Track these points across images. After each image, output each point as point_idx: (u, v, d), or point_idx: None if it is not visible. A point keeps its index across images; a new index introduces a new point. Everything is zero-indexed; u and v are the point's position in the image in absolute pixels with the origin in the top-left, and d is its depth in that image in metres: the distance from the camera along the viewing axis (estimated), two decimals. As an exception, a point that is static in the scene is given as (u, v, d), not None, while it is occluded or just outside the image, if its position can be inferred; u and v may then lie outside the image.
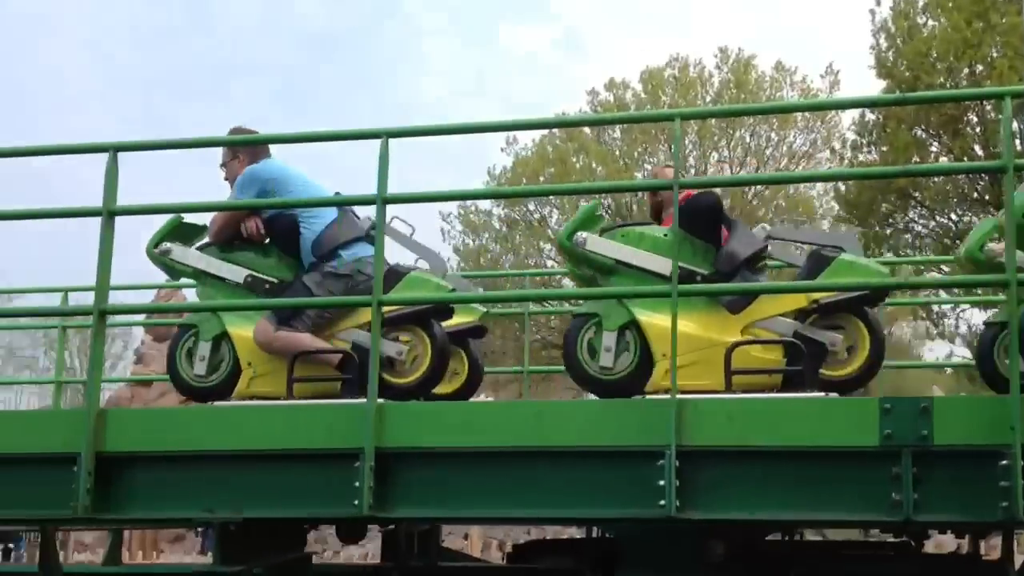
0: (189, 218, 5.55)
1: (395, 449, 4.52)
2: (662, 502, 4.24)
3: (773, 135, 28.87)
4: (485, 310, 5.99)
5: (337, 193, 5.42)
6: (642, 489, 4.32)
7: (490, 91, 53.35)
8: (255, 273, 5.42)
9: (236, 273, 5.41)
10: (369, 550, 12.79)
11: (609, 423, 4.45)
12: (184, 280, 5.78)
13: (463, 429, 4.55)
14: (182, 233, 5.54)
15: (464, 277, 6.36)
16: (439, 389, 5.56)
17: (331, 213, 5.46)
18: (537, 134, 29.38)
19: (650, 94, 28.54)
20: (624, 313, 4.95)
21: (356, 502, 4.45)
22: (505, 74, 52.85)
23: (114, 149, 4.81)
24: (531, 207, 28.63)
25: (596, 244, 5.09)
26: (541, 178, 27.72)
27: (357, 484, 4.45)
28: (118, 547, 6.87)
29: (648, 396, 4.80)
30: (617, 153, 28.44)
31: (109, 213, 4.79)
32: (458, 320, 5.58)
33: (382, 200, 4.66)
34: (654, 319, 4.88)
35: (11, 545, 14.90)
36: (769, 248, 5.23)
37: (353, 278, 5.35)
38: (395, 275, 5.25)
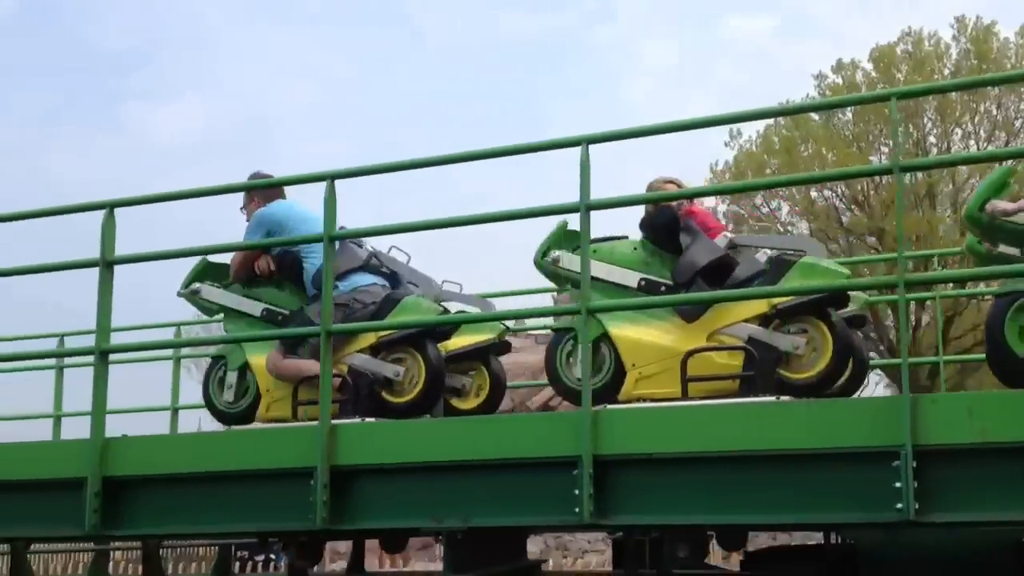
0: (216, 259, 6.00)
1: (613, 456, 4.49)
2: (899, 505, 4.03)
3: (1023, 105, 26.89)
4: (506, 327, 6.03)
5: (342, 227, 5.28)
6: (876, 492, 4.12)
7: (712, 85, 52.42)
8: (269, 306, 5.85)
9: (254, 307, 5.87)
10: (608, 557, 12.79)
11: (835, 424, 4.25)
12: None
13: (680, 434, 4.46)
14: (211, 273, 6.02)
15: (482, 297, 6.32)
16: (461, 405, 5.82)
17: (318, 249, 5.63)
18: (761, 125, 28.61)
19: (882, 72, 27.20)
20: (597, 327, 5.13)
21: (576, 509, 4.45)
22: (726, 66, 51.88)
23: (111, 206, 5.31)
24: (757, 201, 27.90)
25: (569, 261, 5.32)
26: (768, 170, 26.95)
27: (576, 492, 4.45)
28: (361, 555, 7.18)
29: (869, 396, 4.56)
30: (849, 136, 27.27)
31: (107, 264, 5.27)
32: (480, 337, 5.79)
33: (585, 207, 4.64)
34: (625, 331, 5.14)
35: (272, 555, 15.65)
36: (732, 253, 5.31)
37: (350, 306, 5.59)
38: (392, 301, 5.56)
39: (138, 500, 5.12)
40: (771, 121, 28.15)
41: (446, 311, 5.73)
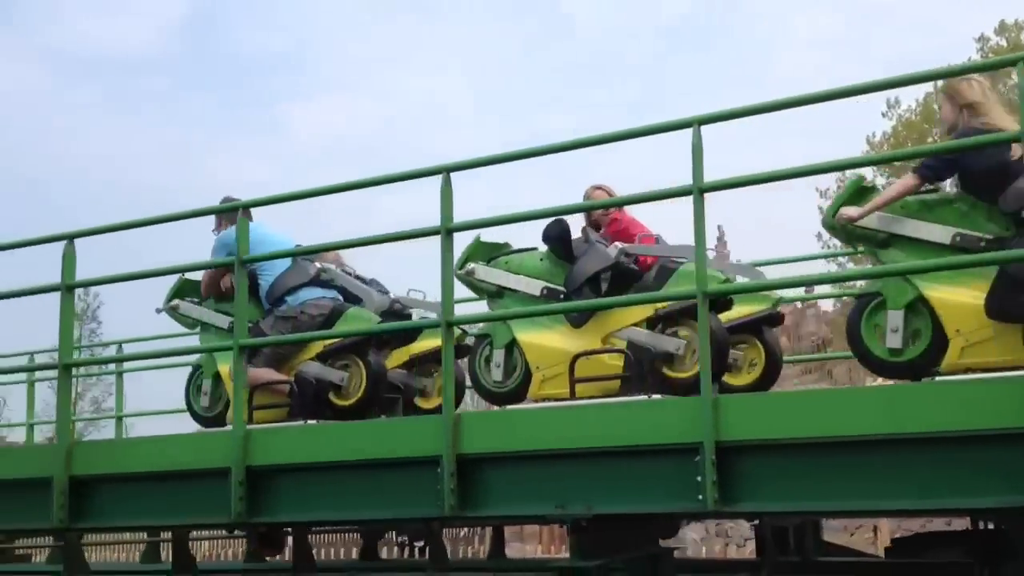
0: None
1: (736, 442, 4.42)
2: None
3: None
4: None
5: (298, 245, 6.05)
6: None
7: (871, 55, 50.43)
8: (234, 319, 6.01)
9: (223, 321, 6.34)
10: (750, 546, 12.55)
11: (975, 405, 4.07)
12: None
13: (805, 419, 4.35)
14: (188, 291, 6.62)
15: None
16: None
17: (283, 264, 6.24)
18: (920, 94, 27.42)
19: (1049, 33, 25.71)
20: (507, 333, 5.61)
21: (700, 496, 4.41)
22: (883, 36, 49.85)
23: (70, 238, 5.92)
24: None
25: (484, 273, 5.81)
26: (929, 139, 25.84)
27: (699, 479, 4.40)
28: (501, 541, 7.29)
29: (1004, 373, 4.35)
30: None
31: (67, 288, 5.96)
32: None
33: (698, 190, 4.57)
34: (530, 337, 5.57)
35: (414, 542, 15.89)
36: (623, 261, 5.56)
37: (297, 319, 6.08)
38: (337, 313, 6.08)
39: (278, 488, 5.33)
40: (930, 88, 26.95)
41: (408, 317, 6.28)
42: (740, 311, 5.59)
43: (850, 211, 4.95)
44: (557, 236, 5.64)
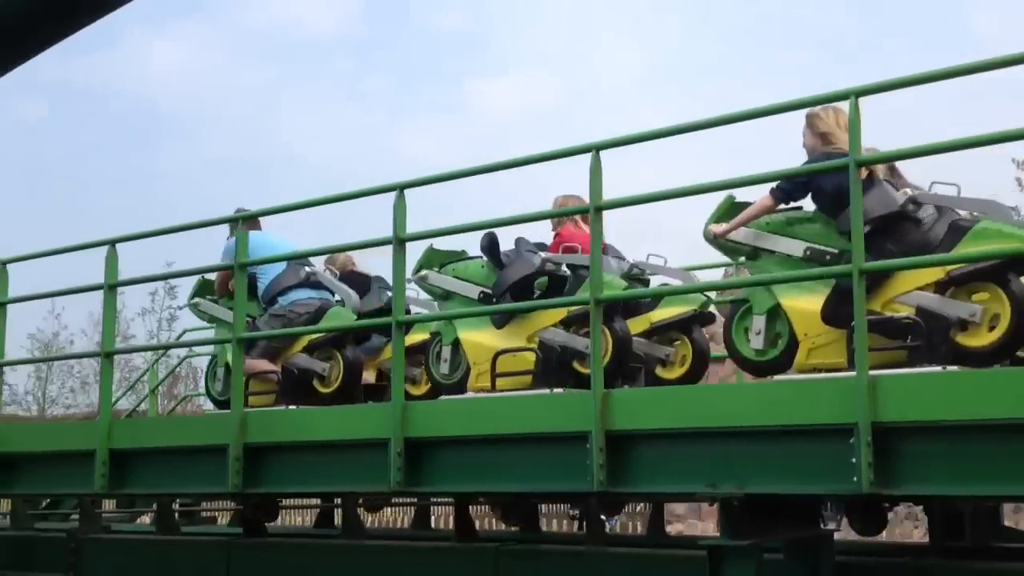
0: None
1: (895, 424, 4.30)
2: None
3: None
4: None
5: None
6: None
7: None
8: (247, 317, 6.83)
9: (231, 316, 6.91)
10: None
11: None
12: None
13: (968, 400, 4.18)
14: (207, 290, 7.50)
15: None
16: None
17: (278, 268, 7.03)
18: None
19: None
20: (452, 332, 6.18)
21: (855, 478, 4.31)
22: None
23: (112, 243, 6.76)
24: None
25: (434, 279, 6.49)
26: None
27: (854, 460, 4.30)
28: (660, 518, 7.28)
29: None
30: None
31: (110, 287, 6.94)
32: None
33: (856, 163, 4.44)
34: (469, 336, 6.25)
35: (603, 516, 15.96)
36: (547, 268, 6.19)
37: (287, 316, 6.89)
38: (321, 312, 6.89)
39: (435, 459, 5.49)
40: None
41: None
42: (672, 311, 6.06)
43: (716, 227, 5.58)
44: (487, 247, 6.35)
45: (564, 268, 6.26)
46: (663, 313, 6.13)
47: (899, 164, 5.44)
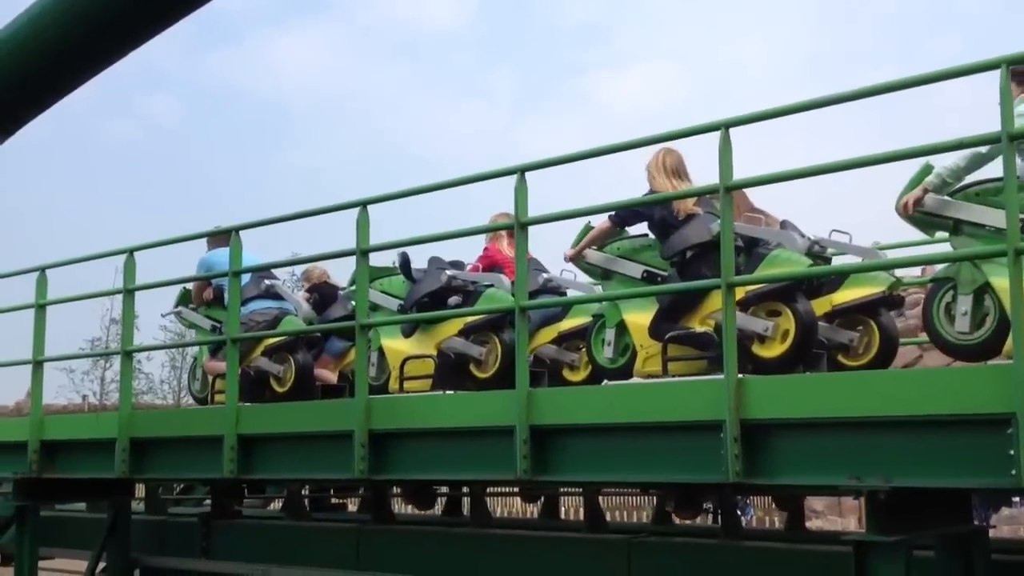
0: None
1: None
2: None
3: None
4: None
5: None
6: None
7: None
8: (214, 323, 8.07)
9: (206, 323, 8.19)
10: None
11: None
12: None
13: None
14: (189, 299, 8.33)
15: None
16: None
17: (242, 280, 7.48)
18: None
19: None
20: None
21: (1013, 471, 3.98)
22: None
23: (130, 251, 7.57)
24: None
25: (374, 295, 7.12)
26: None
27: (1012, 452, 3.97)
28: (800, 512, 6.97)
29: None
30: None
31: (128, 291, 7.72)
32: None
33: (1008, 137, 4.08)
34: (388, 343, 7.08)
35: (738, 511, 15.62)
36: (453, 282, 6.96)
37: (247, 324, 7.58)
38: (278, 320, 7.70)
39: (563, 448, 5.32)
40: None
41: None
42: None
43: (568, 251, 6.40)
44: (401, 264, 7.09)
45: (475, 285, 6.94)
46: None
47: (762, 205, 6.16)
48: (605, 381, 6.00)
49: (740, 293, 5.39)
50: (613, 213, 6.11)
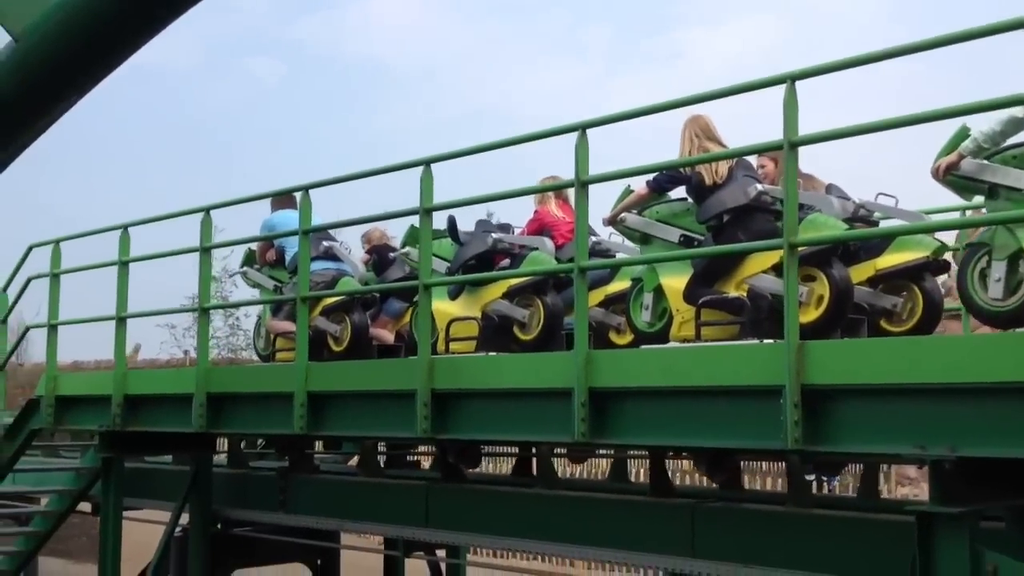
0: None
1: None
2: None
3: None
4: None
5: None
6: None
7: None
8: (277, 283, 8.43)
9: (268, 283, 8.52)
10: None
11: None
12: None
13: None
14: (253, 259, 8.77)
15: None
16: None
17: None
18: None
19: None
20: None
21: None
22: None
23: (206, 210, 7.81)
24: None
25: (414, 255, 7.16)
26: None
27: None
28: (874, 479, 6.79)
29: None
30: None
31: (204, 250, 7.88)
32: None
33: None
34: (437, 305, 6.85)
35: (824, 477, 15.33)
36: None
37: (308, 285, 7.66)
38: (335, 281, 7.89)
39: (622, 411, 5.26)
40: None
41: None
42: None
43: (606, 215, 6.42)
44: (448, 228, 7.23)
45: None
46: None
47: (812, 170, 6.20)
48: (642, 346, 6.01)
49: (775, 257, 5.33)
50: (651, 179, 6.13)
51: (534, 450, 7.69)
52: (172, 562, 8.88)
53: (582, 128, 5.45)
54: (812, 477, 15.37)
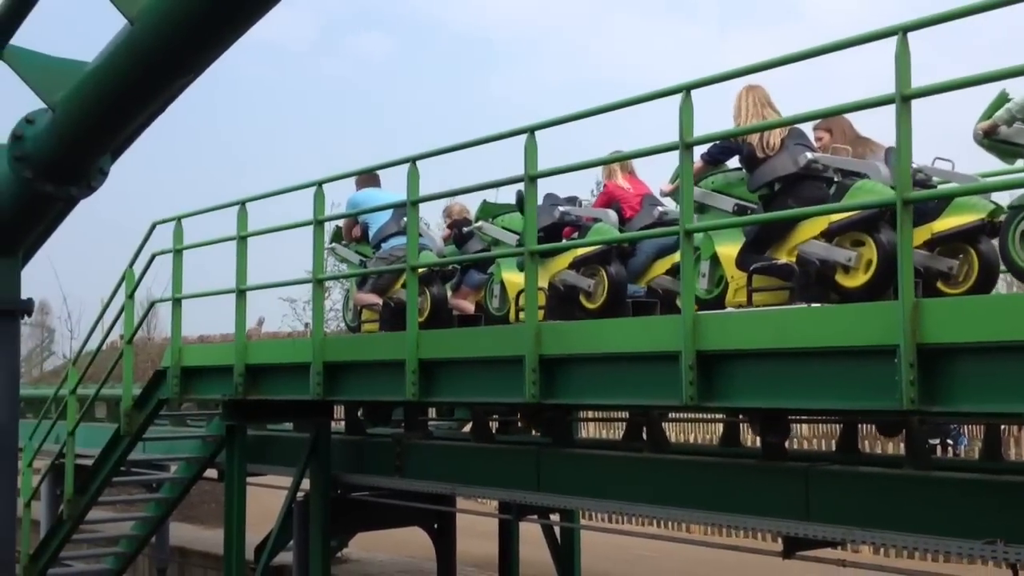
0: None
1: None
2: None
3: None
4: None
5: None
6: None
7: None
8: (363, 258, 8.81)
9: (355, 258, 8.95)
10: None
11: None
12: None
13: None
14: (341, 236, 9.17)
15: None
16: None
17: (384, 217, 8.48)
18: None
19: None
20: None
21: None
22: None
23: (319, 184, 7.98)
24: None
25: (487, 228, 7.84)
26: None
27: None
28: (996, 441, 6.60)
29: None
30: None
31: (318, 222, 8.04)
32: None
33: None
34: (506, 275, 7.61)
35: (949, 441, 14.95)
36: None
37: (388, 260, 8.31)
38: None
39: (730, 374, 5.22)
40: None
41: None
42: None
43: (665, 186, 6.71)
44: (517, 201, 7.23)
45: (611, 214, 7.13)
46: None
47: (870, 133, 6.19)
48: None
49: (824, 224, 5.60)
50: (705, 151, 6.31)
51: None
52: (294, 526, 9.16)
53: (686, 89, 5.39)
54: (936, 441, 15.05)
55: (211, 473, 10.96)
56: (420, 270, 7.79)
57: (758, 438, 6.80)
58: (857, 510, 5.55)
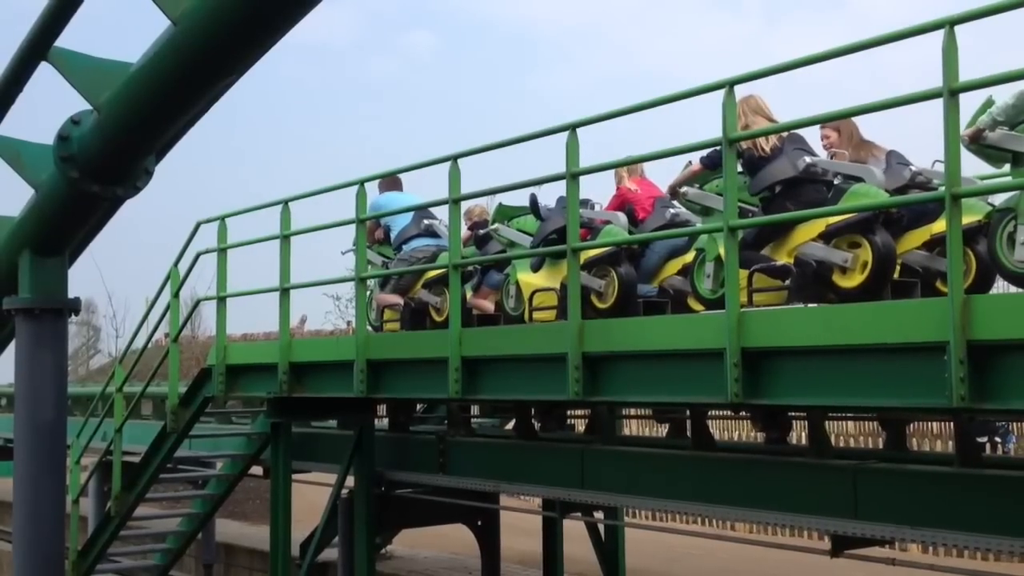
0: None
1: None
2: None
3: None
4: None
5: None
6: None
7: None
8: (386, 259, 9.11)
9: (378, 259, 9.17)
10: None
11: None
12: None
13: None
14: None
15: None
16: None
17: (405, 220, 8.80)
18: None
19: None
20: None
21: None
22: None
23: (362, 182, 8.02)
24: None
25: (503, 231, 8.03)
26: None
27: None
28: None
29: None
30: None
31: (360, 221, 8.06)
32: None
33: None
34: (521, 276, 7.71)
35: (997, 438, 14.71)
36: None
37: (409, 260, 8.62)
38: (435, 257, 8.45)
39: (777, 371, 5.15)
40: None
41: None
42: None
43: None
44: (531, 204, 7.69)
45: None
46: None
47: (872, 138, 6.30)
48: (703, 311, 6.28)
49: (822, 226, 5.75)
50: (704, 156, 6.47)
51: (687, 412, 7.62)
52: (339, 523, 9.21)
53: (730, 84, 5.34)
54: (984, 439, 14.81)
55: (256, 470, 11.06)
56: (438, 272, 8.12)
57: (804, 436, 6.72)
58: (906, 508, 5.48)
